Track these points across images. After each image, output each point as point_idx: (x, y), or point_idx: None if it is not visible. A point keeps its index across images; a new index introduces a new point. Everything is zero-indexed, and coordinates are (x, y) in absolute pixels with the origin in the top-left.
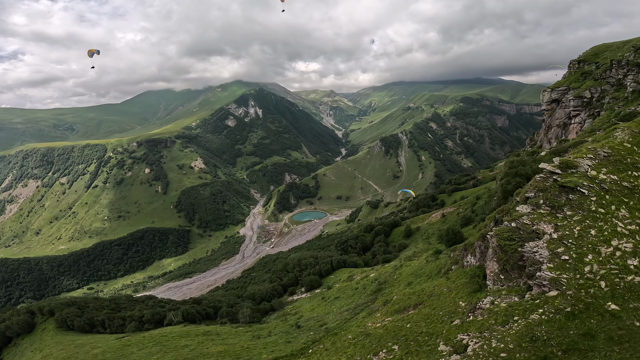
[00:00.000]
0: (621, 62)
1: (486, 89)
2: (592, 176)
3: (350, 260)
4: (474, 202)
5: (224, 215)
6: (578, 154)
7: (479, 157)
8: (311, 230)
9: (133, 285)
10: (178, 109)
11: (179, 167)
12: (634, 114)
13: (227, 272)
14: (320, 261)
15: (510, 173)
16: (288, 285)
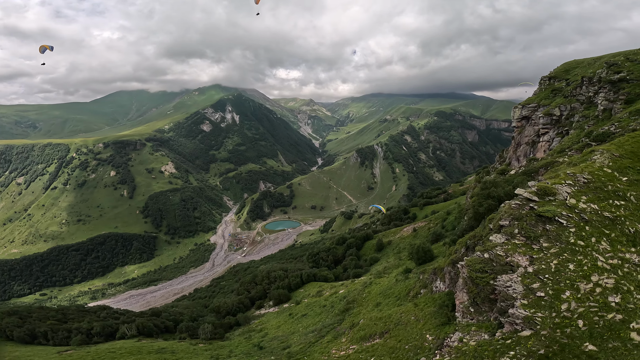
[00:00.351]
0: (592, 79)
1: (459, 104)
2: (571, 205)
3: (321, 274)
4: (444, 217)
5: (194, 222)
6: (556, 180)
7: (450, 171)
8: (284, 239)
9: (91, 292)
10: (151, 111)
11: (148, 170)
12: (608, 134)
13: (195, 280)
14: (289, 274)
15: (482, 194)
16: (256, 298)
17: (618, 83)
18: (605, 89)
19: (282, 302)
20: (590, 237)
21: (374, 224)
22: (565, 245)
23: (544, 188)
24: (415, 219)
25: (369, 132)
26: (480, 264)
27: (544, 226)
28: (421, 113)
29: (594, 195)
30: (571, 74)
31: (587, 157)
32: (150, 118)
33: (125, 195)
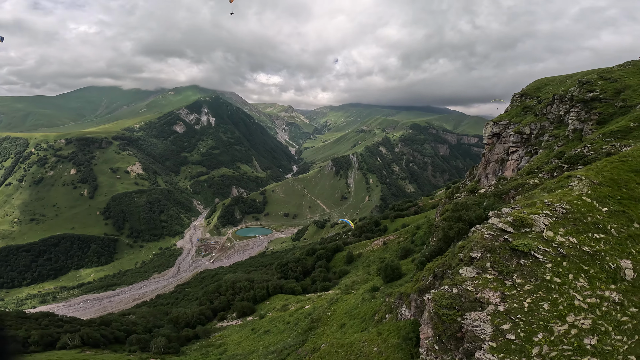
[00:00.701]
0: (564, 97)
1: (433, 118)
2: (548, 238)
3: (288, 286)
4: (414, 231)
5: (160, 225)
6: (533, 209)
7: (421, 183)
8: (255, 246)
9: (41, 295)
10: (122, 109)
11: (113, 170)
12: (580, 156)
13: (158, 286)
14: (255, 285)
15: (453, 217)
16: (219, 309)
17: (590, 102)
18: (577, 108)
19: (246, 315)
20: (567, 274)
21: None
22: (541, 282)
23: (520, 219)
24: (386, 231)
25: (345, 141)
26: (448, 299)
27: (519, 260)
28: (397, 125)
29: (573, 228)
30: (542, 91)
31: (564, 182)
32: (120, 116)
33: (85, 195)
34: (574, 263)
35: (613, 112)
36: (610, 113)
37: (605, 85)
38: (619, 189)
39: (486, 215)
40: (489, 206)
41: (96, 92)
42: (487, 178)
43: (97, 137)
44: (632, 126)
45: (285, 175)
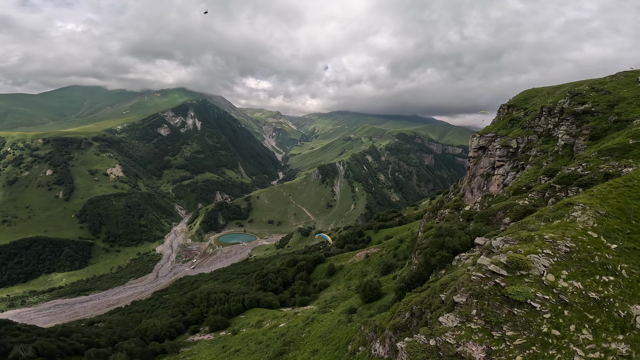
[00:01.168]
0: (553, 109)
1: (420, 127)
2: (549, 283)
3: (265, 300)
4: (397, 244)
5: (138, 230)
6: (531, 247)
7: (406, 193)
8: (238, 253)
9: (9, 299)
10: (105, 109)
11: (91, 172)
12: (574, 176)
13: (135, 292)
14: (231, 298)
15: (436, 243)
16: (192, 322)
17: (582, 115)
18: (567, 121)
19: (219, 329)
20: (568, 325)
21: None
22: (536, 335)
23: (516, 261)
24: (369, 242)
25: (332, 149)
26: (424, 352)
27: (511, 309)
28: (384, 134)
29: (578, 270)
30: (530, 102)
31: (564, 211)
32: (103, 116)
33: (61, 197)
34: (577, 312)
35: (607, 126)
36: (603, 128)
37: (597, 98)
38: (627, 221)
39: (472, 241)
40: (476, 231)
41: (79, 91)
42: (471, 192)
43: (77, 138)
44: (631, 144)
45: (271, 181)
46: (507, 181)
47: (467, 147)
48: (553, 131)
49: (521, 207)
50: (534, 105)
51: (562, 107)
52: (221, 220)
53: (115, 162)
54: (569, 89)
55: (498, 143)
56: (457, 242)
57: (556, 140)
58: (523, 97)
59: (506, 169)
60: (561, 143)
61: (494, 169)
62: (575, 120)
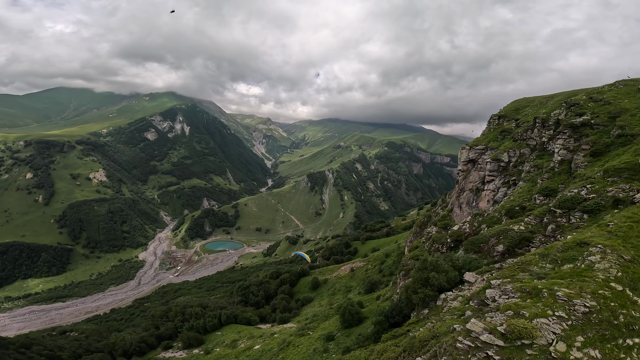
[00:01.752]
0: (547, 121)
1: (409, 136)
2: (558, 355)
3: (243, 316)
4: (383, 259)
5: (121, 236)
6: (539, 309)
7: (395, 202)
8: (225, 260)
9: None
10: (91, 112)
11: (73, 176)
12: (578, 199)
13: (115, 299)
14: (207, 313)
15: (420, 279)
16: (165, 337)
17: (580, 128)
18: (564, 134)
19: (192, 347)
20: None
21: (317, 252)
22: None
23: (518, 330)
24: (356, 254)
25: (322, 157)
26: None
27: None
28: (373, 142)
29: (597, 334)
30: (521, 113)
31: (576, 253)
32: (88, 119)
33: (40, 202)
34: None
35: (610, 141)
36: (606, 143)
37: (596, 108)
38: None
39: (461, 277)
40: (465, 264)
41: (66, 93)
42: (460, 208)
43: (59, 141)
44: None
45: (259, 188)
46: (498, 197)
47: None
48: (548, 145)
49: (516, 234)
50: (525, 116)
51: (557, 119)
52: (208, 227)
53: (98, 166)
54: (563, 98)
55: (488, 156)
56: (443, 280)
57: (551, 155)
58: (514, 107)
59: (497, 185)
60: (557, 158)
61: (483, 184)
62: (573, 133)
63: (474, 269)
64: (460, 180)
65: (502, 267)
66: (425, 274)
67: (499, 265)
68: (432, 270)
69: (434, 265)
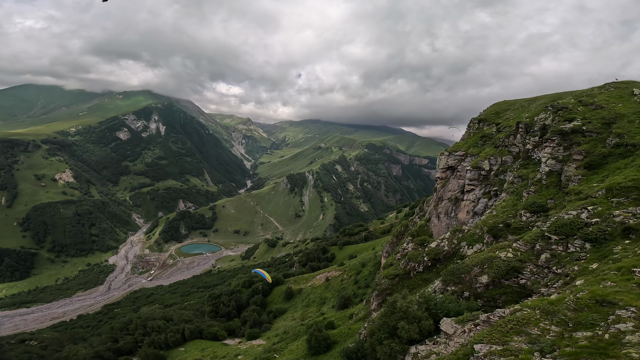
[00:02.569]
0: (531, 126)
1: (389, 138)
2: None
3: (209, 331)
4: (359, 269)
5: (89, 239)
6: None
7: (375, 203)
8: (201, 264)
9: None
10: (60, 110)
11: (38, 177)
12: (577, 224)
13: (83, 304)
14: (170, 327)
15: (386, 326)
16: (124, 352)
17: (571, 135)
18: (553, 142)
19: None
20: None
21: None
22: None
23: None
24: (333, 260)
25: (302, 158)
26: None
27: None
28: (354, 144)
29: None
30: (502, 117)
31: (596, 316)
32: (56, 117)
33: (3, 204)
34: None
35: (607, 151)
36: (602, 153)
37: (587, 113)
38: None
39: (437, 324)
40: (442, 306)
41: (33, 90)
42: (438, 218)
43: (24, 140)
44: None
45: (238, 190)
46: (478, 209)
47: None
48: (533, 153)
49: (503, 263)
50: (507, 120)
51: (544, 124)
52: (183, 229)
53: (65, 166)
54: (547, 102)
55: (468, 163)
56: (414, 331)
57: (537, 164)
58: (494, 111)
59: (477, 195)
60: (545, 169)
61: (463, 194)
62: (562, 140)
63: (453, 313)
64: (438, 188)
65: (489, 320)
66: (393, 321)
67: (485, 318)
68: (402, 318)
69: (403, 312)
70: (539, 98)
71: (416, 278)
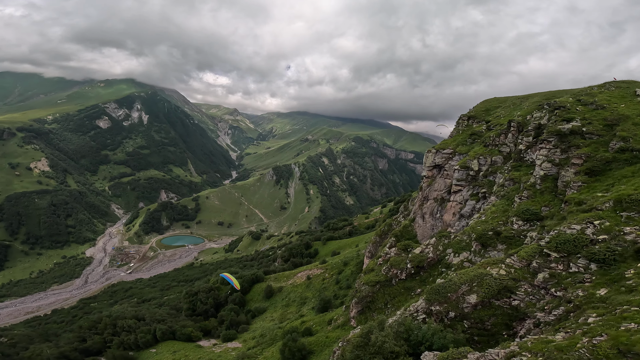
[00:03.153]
0: (525, 125)
1: (376, 131)
2: None
3: (183, 332)
4: (341, 268)
5: (65, 231)
6: None
7: (360, 196)
8: (183, 256)
9: None
10: (38, 97)
11: (12, 166)
12: (582, 241)
13: (58, 298)
14: (140, 327)
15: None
16: (93, 352)
17: (569, 137)
18: (549, 143)
19: None
20: None
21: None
22: None
23: None
24: (316, 256)
25: (289, 150)
26: None
27: None
28: (341, 137)
29: None
30: (492, 114)
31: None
32: (33, 105)
33: None
34: None
35: (610, 157)
36: (606, 159)
37: (587, 113)
38: None
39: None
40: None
41: (11, 78)
42: (423, 218)
43: None
44: None
45: (223, 181)
46: (465, 211)
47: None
48: (526, 154)
49: (495, 282)
50: (497, 117)
51: (539, 124)
52: (165, 221)
53: (41, 155)
54: (540, 100)
55: (456, 162)
56: None
57: (531, 167)
58: (485, 108)
59: (464, 196)
60: (540, 173)
61: (450, 194)
62: (559, 142)
63: (437, 345)
64: (424, 187)
65: None
66: (367, 356)
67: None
68: (377, 353)
69: (378, 347)
70: (532, 96)
71: (398, 286)
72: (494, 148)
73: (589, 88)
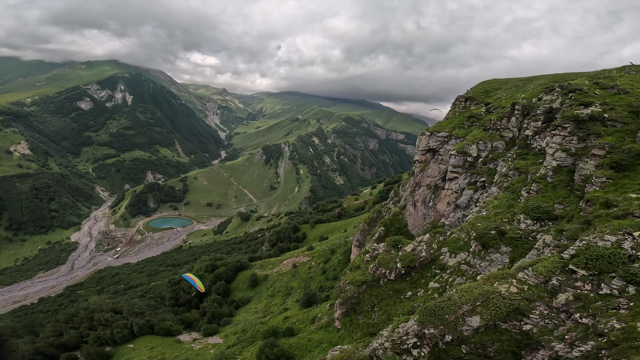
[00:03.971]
0: (532, 109)
1: (367, 112)
2: None
3: (161, 327)
4: (328, 256)
5: (48, 215)
6: None
7: (350, 176)
8: (172, 239)
9: None
10: (16, 81)
11: None
12: (616, 259)
13: (45, 286)
14: (117, 322)
15: None
16: (70, 347)
17: (587, 124)
18: (564, 130)
19: None
20: None
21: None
22: None
23: None
24: (304, 240)
25: (279, 129)
26: None
27: None
28: (332, 117)
29: None
30: (492, 96)
31: None
32: (11, 88)
33: None
34: None
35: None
36: (636, 151)
37: (608, 98)
38: None
39: None
40: None
41: None
42: (414, 206)
43: None
44: None
45: (212, 161)
46: (461, 202)
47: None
48: (533, 140)
49: (504, 302)
50: (498, 100)
51: (550, 107)
52: (152, 203)
53: (20, 138)
54: (547, 82)
55: (452, 147)
56: None
57: (540, 155)
58: (484, 89)
59: (461, 184)
60: (552, 164)
61: (444, 181)
62: (576, 129)
63: None
64: (416, 172)
65: None
66: None
67: None
68: None
69: None
70: (537, 78)
71: (386, 287)
72: (495, 132)
73: (607, 71)
